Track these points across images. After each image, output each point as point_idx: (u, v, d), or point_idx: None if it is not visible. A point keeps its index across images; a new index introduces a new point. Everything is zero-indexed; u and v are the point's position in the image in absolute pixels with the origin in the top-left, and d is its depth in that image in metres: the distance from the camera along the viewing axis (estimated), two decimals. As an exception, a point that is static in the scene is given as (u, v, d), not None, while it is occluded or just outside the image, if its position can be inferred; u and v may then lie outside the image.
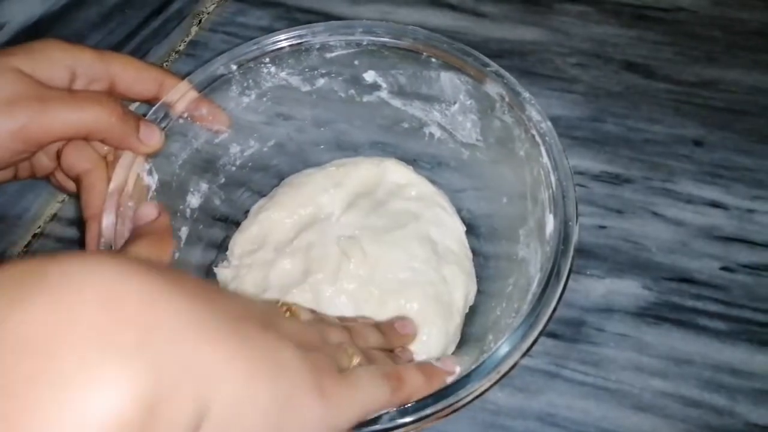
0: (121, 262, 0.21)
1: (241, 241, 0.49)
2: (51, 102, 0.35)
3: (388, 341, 0.38)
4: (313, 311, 0.36)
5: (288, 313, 0.33)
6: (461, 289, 0.45)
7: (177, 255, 0.44)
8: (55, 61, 0.37)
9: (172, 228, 0.40)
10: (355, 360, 0.31)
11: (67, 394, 0.17)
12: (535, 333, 0.34)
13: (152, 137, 0.40)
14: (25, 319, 0.18)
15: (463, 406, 0.32)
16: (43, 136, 0.35)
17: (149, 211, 0.39)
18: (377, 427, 0.31)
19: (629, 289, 0.49)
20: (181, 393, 0.19)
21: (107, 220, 0.38)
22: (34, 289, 0.19)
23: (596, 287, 0.49)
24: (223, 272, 0.47)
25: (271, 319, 0.27)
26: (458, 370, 0.35)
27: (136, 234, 0.38)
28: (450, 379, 0.34)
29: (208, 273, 0.48)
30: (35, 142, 0.36)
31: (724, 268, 0.50)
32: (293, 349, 0.25)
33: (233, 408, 0.21)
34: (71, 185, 0.41)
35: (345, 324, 0.37)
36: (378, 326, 0.39)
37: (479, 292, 0.47)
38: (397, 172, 0.50)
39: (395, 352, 0.38)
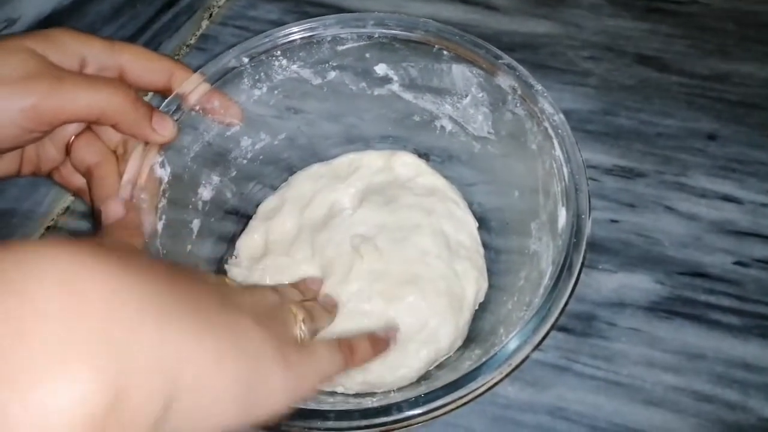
0: (80, 250, 0.20)
1: (249, 244, 0.49)
2: (66, 81, 0.35)
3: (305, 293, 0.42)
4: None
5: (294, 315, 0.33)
6: (472, 284, 0.45)
7: (189, 247, 0.44)
8: (66, 48, 0.37)
9: (141, 224, 0.39)
10: (299, 315, 0.32)
11: (28, 392, 0.16)
12: (547, 326, 0.34)
13: (165, 127, 0.40)
14: None
15: (474, 398, 0.33)
16: (54, 116, 0.35)
17: (116, 209, 0.38)
18: (390, 418, 0.31)
19: (641, 284, 0.49)
20: (147, 380, 0.19)
21: (120, 212, 0.38)
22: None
23: (608, 281, 0.49)
24: (233, 270, 0.48)
25: (226, 293, 0.28)
26: (398, 331, 0.41)
27: (105, 232, 0.37)
28: (392, 343, 0.39)
29: (219, 266, 0.48)
30: (46, 121, 0.35)
31: (737, 263, 0.49)
32: (253, 323, 0.26)
33: (202, 388, 0.22)
34: (75, 181, 0.41)
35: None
36: (294, 285, 0.42)
37: (490, 286, 0.47)
38: (408, 165, 0.50)
39: (318, 299, 0.42)
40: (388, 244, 0.46)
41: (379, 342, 0.38)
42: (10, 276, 0.18)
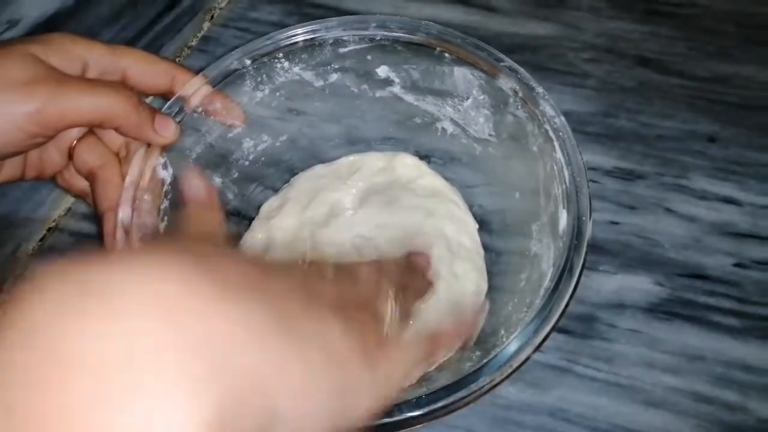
0: (179, 264, 0.19)
1: (251, 243, 0.49)
2: (68, 86, 0.36)
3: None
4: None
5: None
6: (473, 286, 0.45)
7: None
8: (68, 52, 0.37)
9: (218, 202, 0.35)
10: (394, 308, 0.29)
11: (133, 418, 0.16)
12: (548, 328, 0.34)
13: (167, 128, 0.40)
14: (83, 331, 0.16)
15: (475, 399, 0.33)
16: (59, 120, 0.35)
17: (196, 184, 0.34)
18: (390, 419, 0.31)
19: (641, 285, 0.49)
20: (251, 405, 0.18)
21: (124, 213, 0.38)
22: (87, 298, 0.17)
23: (608, 283, 0.49)
24: None
25: (311, 288, 0.26)
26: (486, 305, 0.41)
27: (187, 211, 0.33)
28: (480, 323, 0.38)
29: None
30: (51, 126, 0.35)
31: (737, 265, 0.50)
32: (341, 328, 0.24)
33: (298, 408, 0.21)
34: (78, 184, 0.41)
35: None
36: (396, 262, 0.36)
37: (491, 287, 0.47)
38: (409, 167, 0.50)
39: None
40: (389, 245, 0.46)
41: (465, 326, 0.35)
42: (107, 294, 0.17)
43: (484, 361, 0.33)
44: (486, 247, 0.48)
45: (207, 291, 0.19)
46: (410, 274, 0.35)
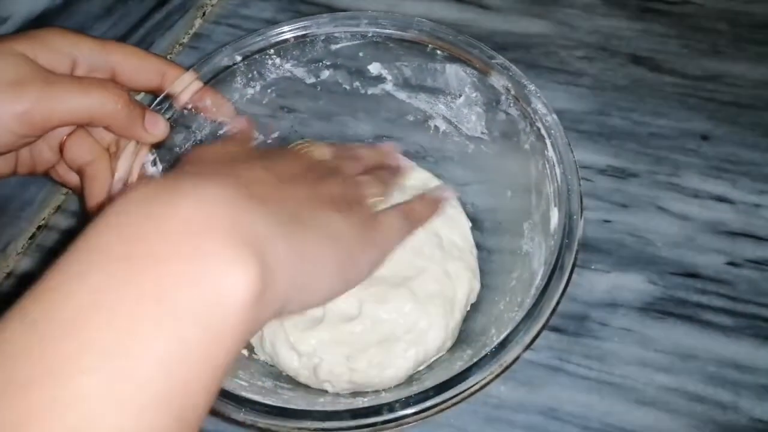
0: (224, 183, 0.26)
1: None
2: (57, 85, 0.35)
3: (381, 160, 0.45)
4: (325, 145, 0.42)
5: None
6: (464, 285, 0.45)
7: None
8: (56, 48, 0.37)
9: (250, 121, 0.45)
10: (371, 189, 0.39)
11: (212, 271, 0.22)
12: (538, 326, 0.34)
13: (157, 126, 0.40)
14: (179, 212, 0.23)
15: (466, 398, 0.32)
16: (48, 120, 0.35)
17: (240, 121, 0.44)
18: (380, 418, 0.31)
19: (634, 284, 0.49)
20: (281, 275, 0.25)
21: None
22: (178, 195, 0.24)
23: (601, 281, 0.49)
24: None
25: (315, 188, 0.33)
26: (452, 194, 0.46)
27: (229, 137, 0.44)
28: (446, 195, 0.44)
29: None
30: (40, 126, 0.35)
31: (729, 263, 0.50)
32: (339, 215, 0.32)
33: (312, 275, 0.29)
34: (72, 179, 0.41)
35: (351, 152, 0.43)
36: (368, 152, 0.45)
37: (483, 286, 0.46)
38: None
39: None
40: None
41: (432, 201, 0.42)
42: (191, 194, 0.24)
43: (475, 359, 0.33)
44: (478, 246, 0.48)
45: (244, 201, 0.26)
46: (381, 157, 0.45)
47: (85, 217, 0.40)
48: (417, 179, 0.50)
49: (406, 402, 0.32)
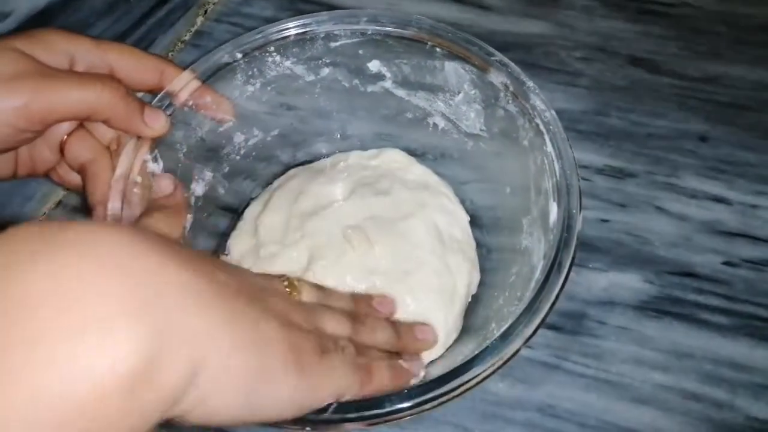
0: (132, 232, 0.22)
1: (239, 241, 0.48)
2: (55, 79, 0.35)
3: (402, 343, 0.38)
4: (321, 288, 0.37)
5: (290, 289, 0.33)
6: (465, 278, 0.45)
7: (181, 243, 0.44)
8: (54, 47, 0.37)
9: (187, 202, 0.42)
10: (340, 332, 0.33)
11: (78, 348, 0.19)
12: (538, 320, 0.34)
13: (157, 120, 0.40)
14: (41, 278, 0.19)
15: (465, 391, 0.32)
16: (46, 114, 0.35)
17: (165, 184, 0.40)
18: (378, 411, 0.31)
19: (631, 283, 0.49)
20: (178, 354, 0.21)
21: (113, 206, 0.38)
22: (49, 250, 0.20)
23: (598, 280, 0.49)
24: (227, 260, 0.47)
25: (260, 294, 0.29)
26: (422, 375, 0.36)
27: (152, 207, 0.39)
28: (414, 381, 0.35)
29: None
30: (38, 121, 0.35)
31: (726, 263, 0.50)
32: (276, 326, 0.28)
33: (217, 373, 0.23)
34: (72, 179, 0.41)
35: (357, 312, 0.37)
36: (396, 324, 0.39)
37: (482, 282, 0.47)
38: (398, 162, 0.50)
39: (403, 358, 0.37)
40: (381, 237, 0.45)
41: (401, 373, 0.35)
42: (68, 248, 0.20)
43: (475, 352, 0.33)
44: (477, 244, 0.48)
45: (154, 257, 0.22)
46: (367, 308, 0.39)
47: (88, 213, 0.39)
48: (415, 174, 0.50)
49: (406, 395, 0.32)
